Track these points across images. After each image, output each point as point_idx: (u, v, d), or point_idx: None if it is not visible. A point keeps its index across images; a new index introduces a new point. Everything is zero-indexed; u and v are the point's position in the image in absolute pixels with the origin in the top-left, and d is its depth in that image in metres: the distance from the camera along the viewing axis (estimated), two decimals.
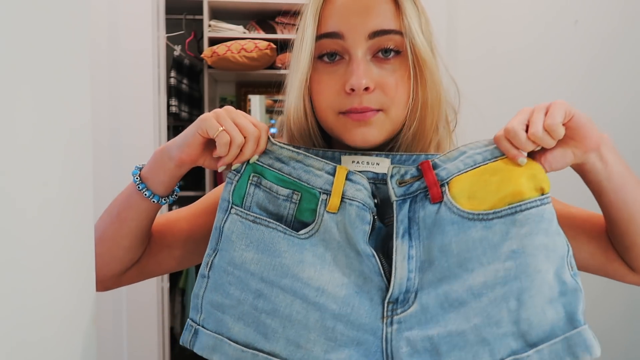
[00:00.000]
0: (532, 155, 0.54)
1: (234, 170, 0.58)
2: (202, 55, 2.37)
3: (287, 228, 0.56)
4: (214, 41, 2.42)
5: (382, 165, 0.59)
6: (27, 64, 0.39)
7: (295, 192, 0.57)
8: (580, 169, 0.56)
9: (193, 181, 2.61)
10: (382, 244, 0.57)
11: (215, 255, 0.57)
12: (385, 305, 0.54)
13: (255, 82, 2.78)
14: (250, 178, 0.58)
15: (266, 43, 2.34)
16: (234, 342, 0.55)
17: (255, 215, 0.56)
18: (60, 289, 0.46)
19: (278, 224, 0.56)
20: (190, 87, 2.62)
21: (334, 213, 0.55)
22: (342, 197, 0.55)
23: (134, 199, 0.61)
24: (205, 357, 0.56)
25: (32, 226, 0.40)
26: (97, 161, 0.58)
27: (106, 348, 1.51)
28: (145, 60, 1.55)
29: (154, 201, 0.61)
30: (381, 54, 0.59)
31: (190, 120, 2.66)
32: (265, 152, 0.59)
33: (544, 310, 0.50)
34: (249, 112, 2.87)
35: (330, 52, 0.60)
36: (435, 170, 0.56)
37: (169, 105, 2.32)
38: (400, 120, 0.61)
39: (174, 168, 0.59)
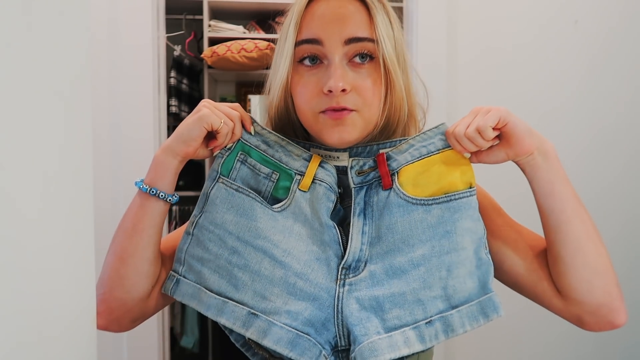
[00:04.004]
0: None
1: (227, 147, 0.66)
2: (202, 55, 2.37)
3: (264, 200, 0.64)
4: (214, 41, 2.42)
5: (341, 158, 0.68)
6: (27, 64, 0.39)
7: (275, 172, 0.66)
8: (518, 165, 0.65)
9: (193, 181, 2.61)
10: (340, 223, 0.66)
11: (200, 215, 0.66)
12: (340, 270, 0.63)
13: (255, 82, 2.77)
14: (238, 155, 0.67)
15: (266, 43, 2.34)
16: (209, 290, 0.63)
17: (238, 185, 0.65)
18: (60, 288, 0.46)
19: (257, 195, 0.64)
20: (190, 87, 2.62)
21: (304, 191, 0.65)
22: (314, 179, 0.65)
23: (147, 207, 0.64)
24: (184, 302, 0.64)
25: (32, 226, 0.40)
26: (97, 161, 0.58)
27: (106, 348, 1.51)
28: (145, 60, 1.55)
29: (169, 200, 0.65)
30: (358, 59, 0.65)
31: None
32: (254, 135, 0.67)
33: (465, 280, 0.62)
34: (249, 112, 2.87)
35: (310, 56, 0.66)
36: (388, 161, 0.66)
37: (169, 105, 2.32)
38: (374, 121, 0.67)
39: (179, 164, 0.65)
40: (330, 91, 0.63)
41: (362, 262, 0.63)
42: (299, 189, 0.65)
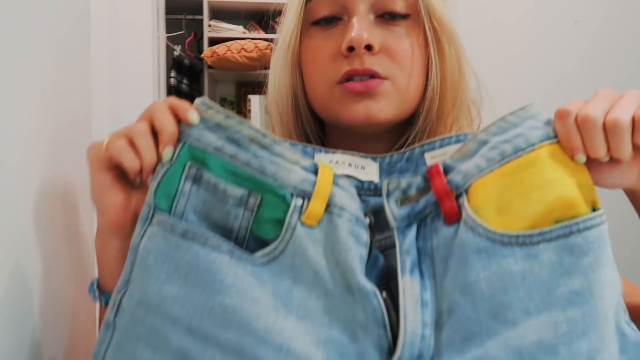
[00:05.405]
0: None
1: (164, 161, 0.38)
2: (202, 55, 2.38)
3: (236, 247, 0.37)
4: (214, 41, 2.42)
5: (368, 169, 0.42)
6: (27, 65, 0.39)
7: (254, 192, 0.38)
8: (633, 196, 0.41)
9: None
10: (378, 281, 0.38)
11: (125, 291, 0.37)
12: None
13: (255, 82, 2.78)
14: (186, 169, 0.38)
15: (266, 43, 2.34)
16: None
17: (185, 227, 0.36)
18: (61, 289, 0.46)
19: (223, 240, 0.36)
20: (190, 87, 2.62)
21: (311, 227, 0.37)
22: (328, 205, 0.38)
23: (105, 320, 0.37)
24: None
25: (34, 228, 0.40)
26: None
27: None
28: (145, 60, 1.55)
29: None
30: (387, 16, 0.48)
31: None
32: (211, 128, 0.39)
33: None
34: (248, 112, 2.88)
35: (326, 16, 0.49)
36: (448, 175, 0.38)
37: None
38: (412, 97, 0.49)
39: (116, 242, 0.40)
40: (351, 48, 0.46)
41: None
42: (302, 224, 0.37)
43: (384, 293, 0.36)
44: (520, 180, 0.37)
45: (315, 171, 0.39)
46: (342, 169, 0.41)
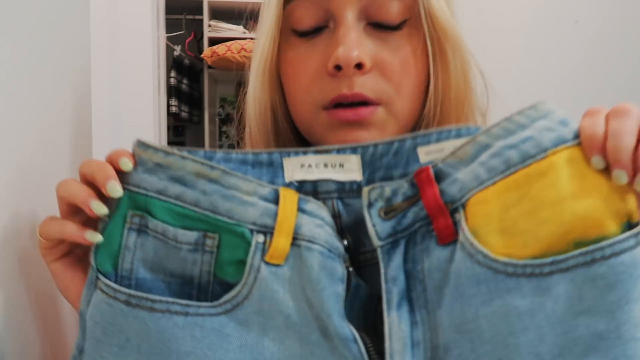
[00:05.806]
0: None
1: (114, 198, 0.34)
2: (202, 55, 2.38)
3: (189, 303, 0.32)
4: (214, 41, 2.42)
5: (347, 166, 0.36)
6: (27, 65, 0.39)
7: (209, 233, 0.34)
8: None
9: None
10: (363, 315, 0.34)
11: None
12: None
13: None
14: (128, 220, 0.34)
15: None
16: None
17: (128, 293, 0.32)
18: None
19: (173, 299, 0.32)
20: (190, 87, 2.62)
21: (278, 266, 0.33)
22: (295, 238, 0.33)
23: None
24: None
25: (34, 230, 0.40)
26: None
27: None
28: (145, 60, 1.55)
29: None
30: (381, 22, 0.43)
31: (191, 120, 2.66)
32: (150, 170, 0.34)
33: None
34: None
35: (308, 29, 0.43)
36: (441, 183, 0.33)
37: (169, 105, 2.33)
38: (408, 118, 0.44)
39: None
40: (337, 67, 0.40)
41: None
42: (266, 263, 0.33)
43: (367, 338, 0.32)
44: (529, 195, 0.30)
45: (277, 200, 0.34)
46: (316, 174, 0.36)
